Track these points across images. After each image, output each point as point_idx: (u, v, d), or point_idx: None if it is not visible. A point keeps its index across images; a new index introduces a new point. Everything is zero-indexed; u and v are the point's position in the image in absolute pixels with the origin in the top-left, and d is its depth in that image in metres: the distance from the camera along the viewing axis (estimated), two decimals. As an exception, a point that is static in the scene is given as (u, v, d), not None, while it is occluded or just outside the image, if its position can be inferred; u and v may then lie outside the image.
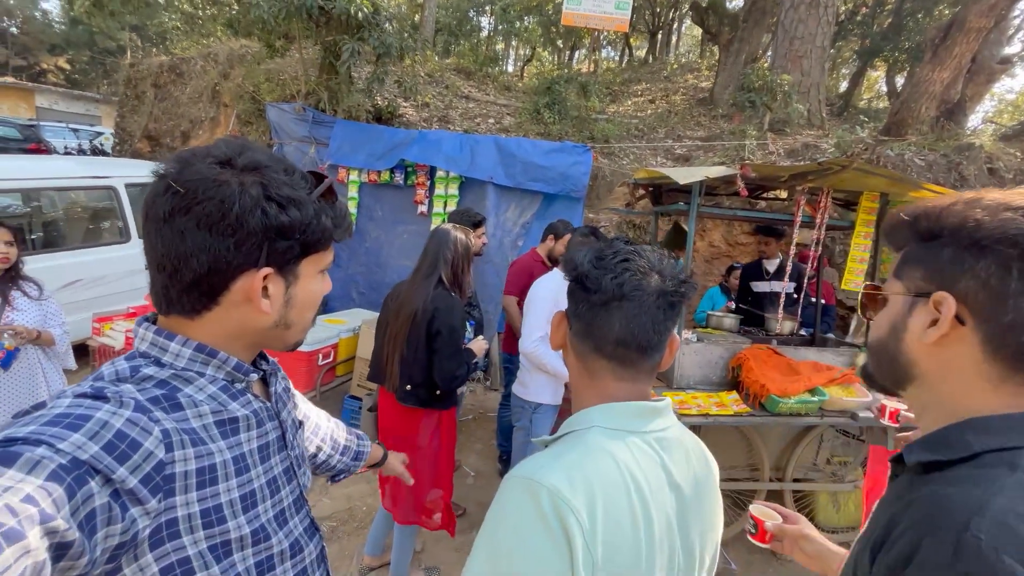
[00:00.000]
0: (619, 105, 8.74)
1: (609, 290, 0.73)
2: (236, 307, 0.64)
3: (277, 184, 0.62)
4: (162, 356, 0.63)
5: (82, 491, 0.47)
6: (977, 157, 4.33)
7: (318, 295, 0.72)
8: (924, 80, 5.01)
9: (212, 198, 0.58)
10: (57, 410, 0.52)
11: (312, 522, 0.79)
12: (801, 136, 5.52)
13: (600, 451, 0.68)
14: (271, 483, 0.70)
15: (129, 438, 0.53)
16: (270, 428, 0.72)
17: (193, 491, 0.59)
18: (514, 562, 0.61)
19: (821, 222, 2.63)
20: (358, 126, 5.16)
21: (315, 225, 0.65)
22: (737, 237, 4.82)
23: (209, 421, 0.63)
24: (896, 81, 10.78)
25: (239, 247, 0.60)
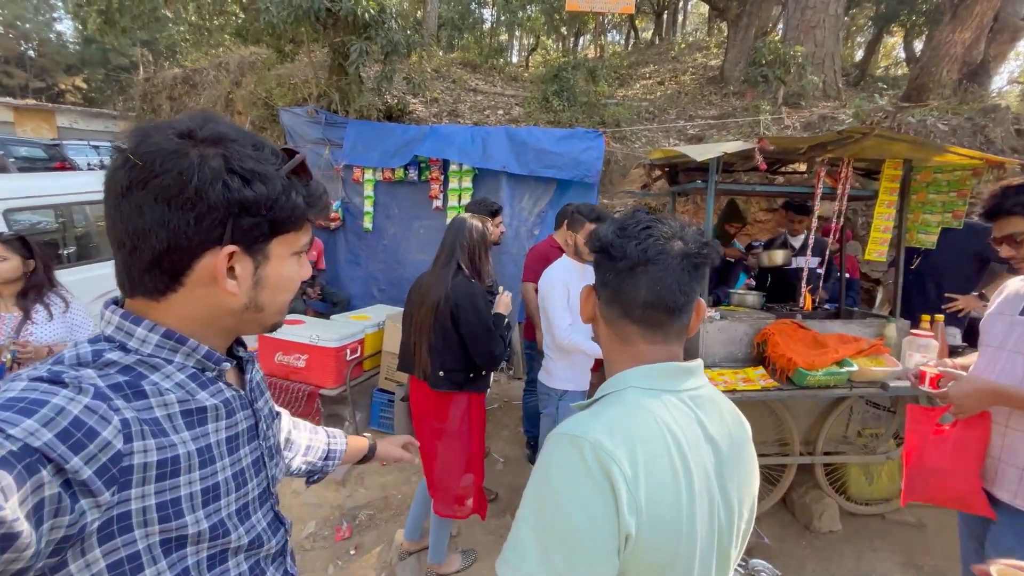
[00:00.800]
0: (628, 89, 8.64)
1: (634, 255, 0.77)
2: (201, 288, 0.60)
3: (241, 157, 0.58)
4: (128, 341, 0.59)
5: (32, 480, 0.45)
6: (1004, 119, 4.19)
7: (293, 279, 0.68)
8: (944, 42, 4.85)
9: (169, 171, 0.55)
10: (10, 394, 0.49)
11: (276, 515, 0.76)
12: (817, 108, 5.40)
13: (637, 407, 0.72)
14: (237, 476, 0.67)
15: (86, 426, 0.50)
16: (241, 418, 0.69)
17: (151, 484, 0.55)
18: (563, 505, 0.65)
19: (843, 193, 2.59)
20: (370, 125, 5.22)
21: (283, 202, 0.61)
22: (756, 215, 4.76)
23: (175, 411, 0.59)
24: (915, 46, 10.42)
25: (199, 222, 0.57)
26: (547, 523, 0.65)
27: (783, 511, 2.88)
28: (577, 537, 0.63)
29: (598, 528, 0.64)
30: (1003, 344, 1.44)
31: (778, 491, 2.75)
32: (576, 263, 2.40)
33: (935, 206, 2.57)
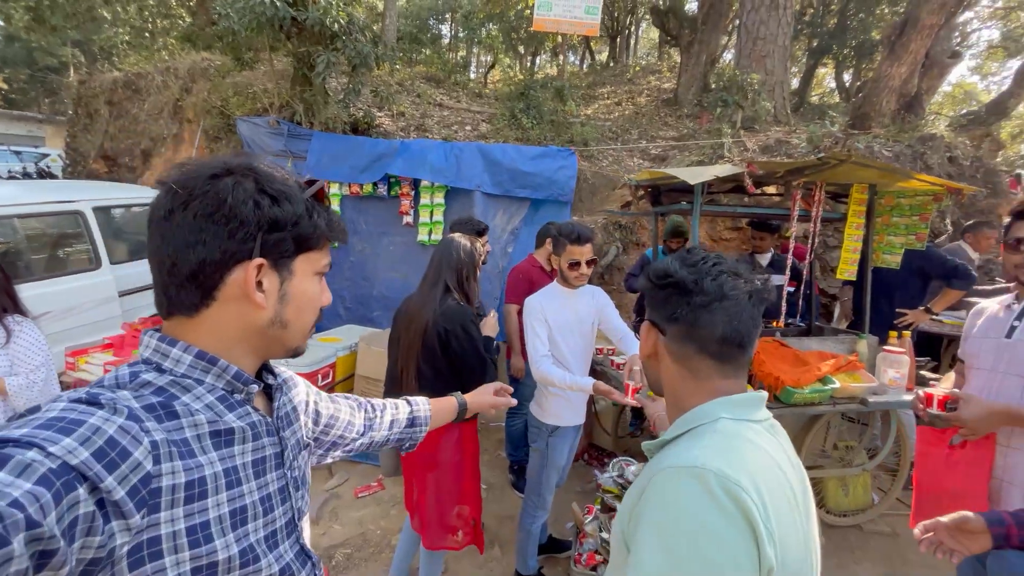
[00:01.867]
0: (586, 107, 8.86)
1: (711, 291, 0.78)
2: (233, 302, 0.65)
3: (270, 180, 0.65)
4: (163, 362, 0.63)
5: (69, 497, 0.46)
6: (939, 147, 4.60)
7: (316, 298, 0.73)
8: (884, 75, 5.29)
9: (207, 192, 0.61)
10: (51, 414, 0.51)
11: (303, 548, 0.76)
12: (772, 133, 5.72)
13: (739, 437, 0.72)
14: (264, 500, 0.68)
15: (120, 446, 0.52)
16: (267, 443, 0.71)
17: (180, 506, 0.57)
18: (699, 548, 0.60)
19: (817, 215, 2.71)
20: (337, 138, 5.03)
21: (307, 221, 0.67)
22: (721, 233, 4.94)
23: (204, 431, 0.62)
24: (844, 77, 11.36)
25: (232, 236, 0.62)
26: (682, 568, 0.60)
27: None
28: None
29: (742, 567, 0.60)
30: (995, 367, 1.51)
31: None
32: (561, 288, 2.27)
33: (899, 228, 2.74)
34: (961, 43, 11.09)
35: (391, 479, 3.27)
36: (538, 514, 2.35)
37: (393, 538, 2.72)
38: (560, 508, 2.94)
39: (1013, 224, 1.49)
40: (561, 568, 2.61)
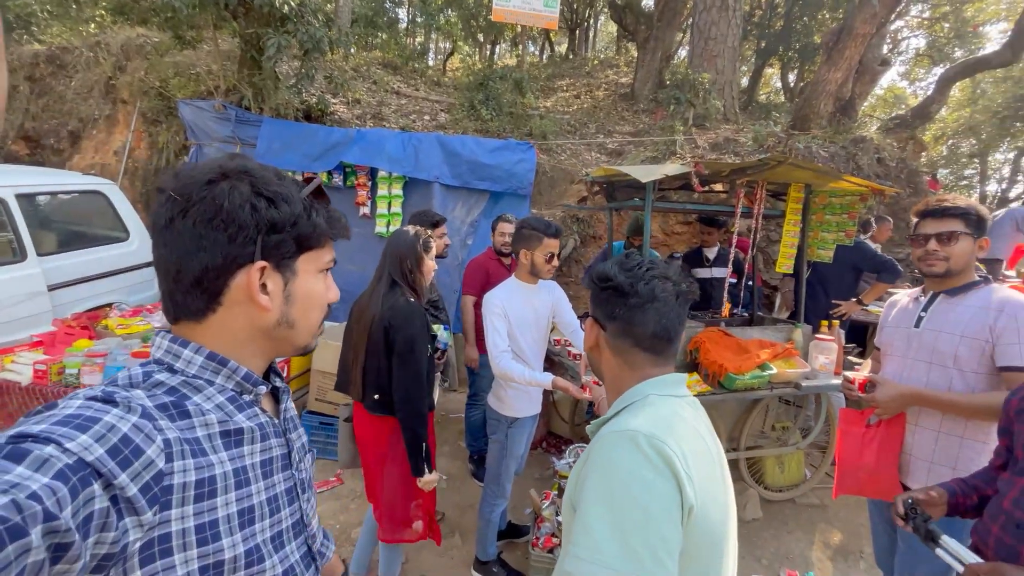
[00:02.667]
0: (545, 100, 8.91)
1: (644, 294, 0.90)
2: (238, 306, 0.66)
3: (266, 182, 0.65)
4: (175, 363, 0.64)
5: (85, 492, 0.47)
6: (869, 149, 4.96)
7: (320, 296, 0.73)
8: (822, 80, 5.63)
9: (204, 198, 0.62)
10: (68, 411, 0.52)
11: (310, 550, 0.77)
12: (721, 131, 5.97)
13: (664, 407, 0.85)
14: (271, 500, 0.69)
15: (133, 444, 0.53)
16: (275, 444, 0.72)
17: (190, 504, 0.58)
18: (632, 493, 0.72)
19: (758, 212, 2.88)
20: (289, 125, 4.85)
21: (305, 220, 0.68)
22: (673, 227, 5.13)
23: (215, 431, 0.64)
24: (789, 78, 11.94)
25: (232, 241, 0.63)
26: (618, 512, 0.71)
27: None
28: (648, 517, 0.70)
29: (666, 506, 0.71)
30: (906, 353, 1.69)
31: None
32: (521, 284, 2.29)
33: (831, 226, 2.96)
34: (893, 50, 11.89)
35: (349, 472, 3.25)
36: (497, 502, 2.41)
37: (353, 532, 2.72)
38: (518, 495, 3.02)
39: (918, 223, 1.66)
40: (520, 552, 2.69)
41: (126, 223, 4.38)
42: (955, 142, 16.61)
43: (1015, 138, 15.76)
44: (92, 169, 5.59)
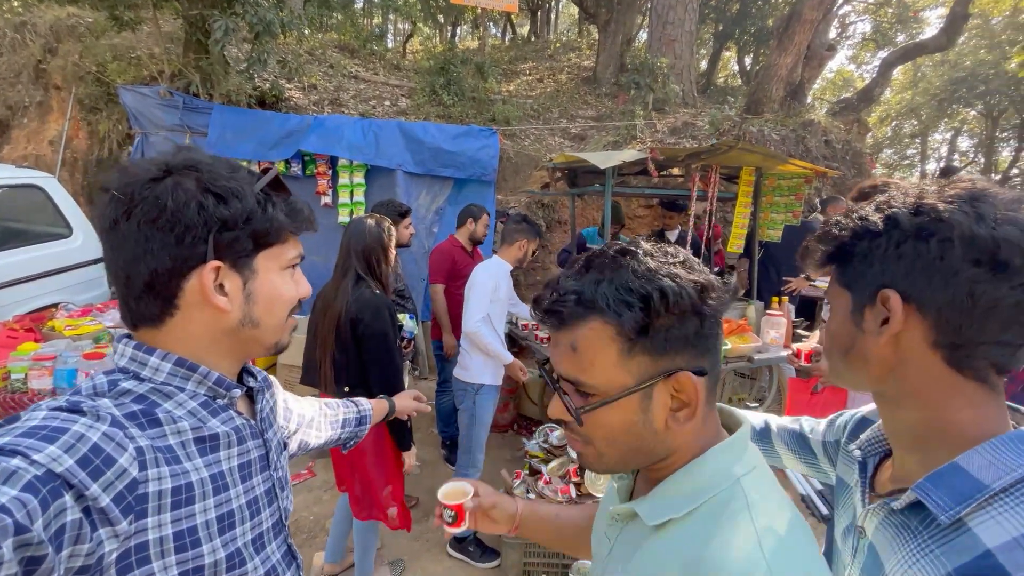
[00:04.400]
0: (508, 84, 8.87)
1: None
2: (196, 308, 0.63)
3: (213, 177, 0.62)
4: (141, 371, 0.62)
5: (55, 504, 0.46)
6: (816, 132, 5.20)
7: (285, 292, 0.70)
8: (773, 65, 5.83)
9: (147, 198, 0.59)
10: (32, 422, 0.51)
11: (290, 548, 0.77)
12: (679, 115, 6.11)
13: (783, 512, 0.57)
14: (251, 504, 0.68)
15: (104, 453, 0.51)
16: (252, 447, 0.70)
17: (167, 512, 0.57)
18: None
19: (712, 195, 3.00)
20: (242, 112, 4.66)
21: (260, 215, 0.64)
22: (635, 211, 5.26)
23: (188, 438, 0.61)
24: (745, 61, 12.25)
25: (180, 242, 0.60)
26: None
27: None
28: None
29: None
30: None
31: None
32: (508, 265, 2.55)
33: (779, 207, 3.11)
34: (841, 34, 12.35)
35: (321, 463, 3.25)
36: (470, 472, 2.50)
37: (326, 522, 2.74)
38: (490, 477, 3.10)
39: (856, 205, 1.78)
40: (493, 531, 2.77)
41: (68, 218, 4.15)
42: (898, 123, 17.49)
43: (951, 119, 16.73)
44: (25, 161, 5.23)
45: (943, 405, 0.58)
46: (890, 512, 0.61)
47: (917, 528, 0.57)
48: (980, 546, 0.51)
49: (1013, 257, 0.52)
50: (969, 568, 0.51)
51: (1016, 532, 0.49)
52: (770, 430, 1.02)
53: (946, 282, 0.54)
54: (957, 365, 0.57)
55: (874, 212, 0.61)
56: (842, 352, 0.65)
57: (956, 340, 0.56)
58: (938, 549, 0.54)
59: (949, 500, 0.54)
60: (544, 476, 2.51)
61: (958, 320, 0.55)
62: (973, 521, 0.52)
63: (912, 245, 0.56)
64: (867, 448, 0.72)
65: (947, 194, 0.57)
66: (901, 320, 0.57)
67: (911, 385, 0.59)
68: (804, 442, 0.95)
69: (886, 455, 0.71)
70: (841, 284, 0.65)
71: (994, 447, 0.54)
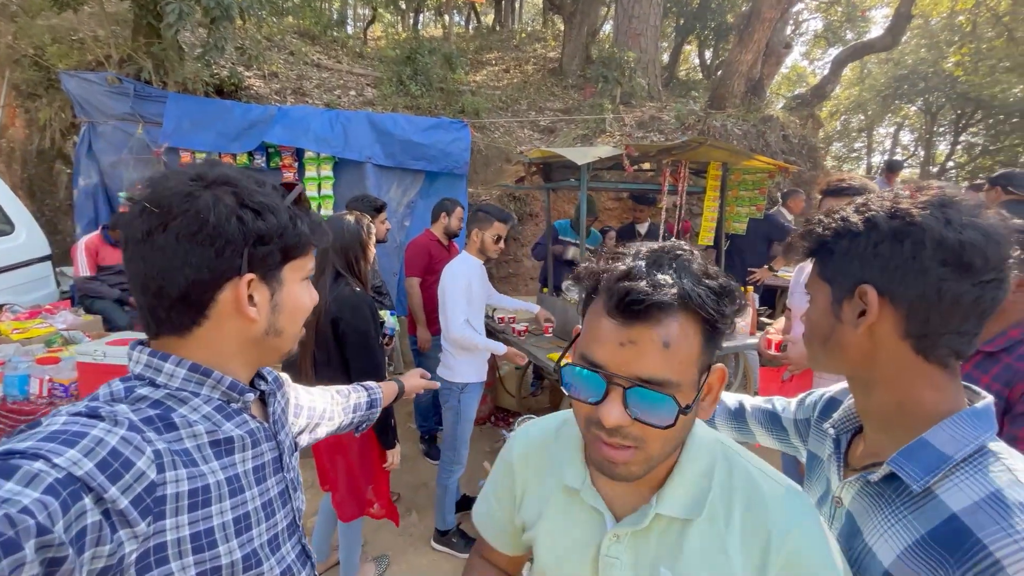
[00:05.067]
0: (475, 74, 8.79)
1: None
2: (226, 318, 0.65)
3: (250, 192, 0.64)
4: (156, 377, 0.63)
5: (76, 507, 0.47)
6: (775, 126, 5.42)
7: (305, 302, 0.74)
8: (735, 61, 6.02)
9: (187, 211, 0.60)
10: (53, 427, 0.52)
11: (304, 548, 0.78)
12: (646, 109, 6.23)
13: None
14: (266, 506, 0.70)
15: (123, 457, 0.53)
16: (266, 449, 0.72)
17: (184, 514, 0.58)
18: None
19: (682, 189, 3.10)
20: (199, 101, 4.45)
21: (292, 230, 0.67)
22: (605, 204, 5.35)
23: (204, 441, 0.63)
24: (705, 55, 12.56)
25: (220, 255, 0.62)
26: None
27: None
28: None
29: None
30: None
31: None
32: (476, 261, 2.47)
33: (744, 201, 3.25)
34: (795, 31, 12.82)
35: (302, 462, 3.19)
36: (455, 469, 2.52)
37: (309, 521, 2.71)
38: (471, 468, 3.13)
39: (823, 200, 1.88)
40: (475, 523, 2.82)
41: (9, 214, 3.87)
42: (847, 118, 18.37)
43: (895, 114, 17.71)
44: (-45, 151, 4.83)
45: (911, 388, 0.65)
46: (866, 484, 0.68)
47: (891, 497, 0.65)
48: (947, 510, 0.58)
49: (975, 259, 0.60)
50: (939, 530, 0.58)
51: (976, 496, 0.57)
52: (744, 410, 1.10)
53: (917, 279, 0.61)
54: (923, 353, 0.64)
55: (854, 214, 0.67)
56: (822, 340, 0.72)
57: (924, 331, 0.63)
58: (911, 515, 0.62)
59: (919, 471, 0.61)
60: (526, 466, 2.57)
61: (926, 313, 0.62)
62: (940, 489, 0.60)
63: (888, 246, 0.63)
64: (840, 426, 0.80)
65: (920, 200, 0.64)
66: (877, 312, 0.64)
67: (883, 371, 0.67)
68: (776, 420, 1.03)
69: (857, 431, 0.78)
70: (822, 278, 0.71)
71: (954, 423, 0.62)
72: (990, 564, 0.52)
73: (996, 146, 15.35)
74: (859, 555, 0.67)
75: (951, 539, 0.56)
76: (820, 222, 0.70)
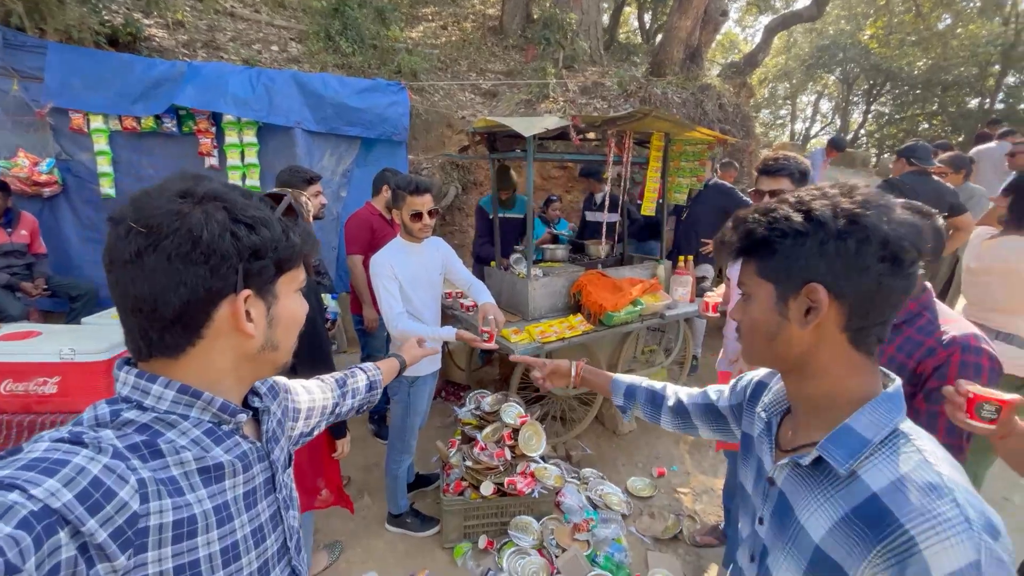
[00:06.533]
0: (411, 30, 8.27)
1: None
2: (222, 336, 0.64)
3: (241, 207, 0.62)
4: (144, 399, 0.61)
5: (50, 542, 0.45)
6: (713, 95, 5.53)
7: (299, 314, 0.73)
8: (674, 27, 6.03)
9: (178, 230, 0.58)
10: (34, 454, 0.50)
11: (293, 570, 0.78)
12: (588, 74, 6.15)
13: None
14: (255, 532, 0.68)
15: (104, 487, 0.51)
16: (258, 471, 0.70)
17: (168, 546, 0.56)
18: None
19: (627, 160, 3.11)
20: (89, 54, 3.86)
21: (284, 242, 0.66)
22: (550, 172, 5.30)
23: (191, 468, 0.61)
24: (645, 19, 12.54)
25: (215, 273, 0.60)
26: None
27: (596, 425, 3.55)
28: None
29: None
30: None
31: (592, 411, 3.36)
32: (405, 243, 2.25)
33: (685, 172, 3.31)
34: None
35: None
36: (403, 458, 2.47)
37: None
38: (424, 446, 3.12)
39: (759, 178, 1.93)
40: (431, 499, 2.82)
41: None
42: (774, 85, 19.22)
43: (816, 83, 18.72)
44: None
45: (842, 377, 0.71)
46: (796, 466, 0.74)
47: (820, 478, 0.70)
48: (868, 490, 0.64)
49: (906, 253, 0.64)
50: (861, 508, 0.64)
51: (893, 476, 0.63)
52: (686, 408, 1.15)
53: (860, 275, 0.65)
54: (857, 344, 0.69)
55: (795, 213, 0.68)
56: (767, 338, 0.74)
57: (863, 323, 0.68)
58: (837, 495, 0.67)
59: (844, 455, 0.67)
60: (479, 442, 2.58)
61: (867, 307, 0.67)
62: (862, 470, 0.66)
63: (834, 244, 0.65)
64: (770, 410, 0.86)
65: (857, 199, 0.67)
66: (826, 310, 0.67)
67: (821, 363, 0.71)
68: (714, 411, 1.09)
69: (786, 412, 0.85)
70: (763, 276, 0.72)
71: (873, 408, 0.68)
72: (905, 540, 0.58)
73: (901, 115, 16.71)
74: (793, 532, 0.72)
75: (872, 516, 0.62)
76: (757, 220, 0.71)
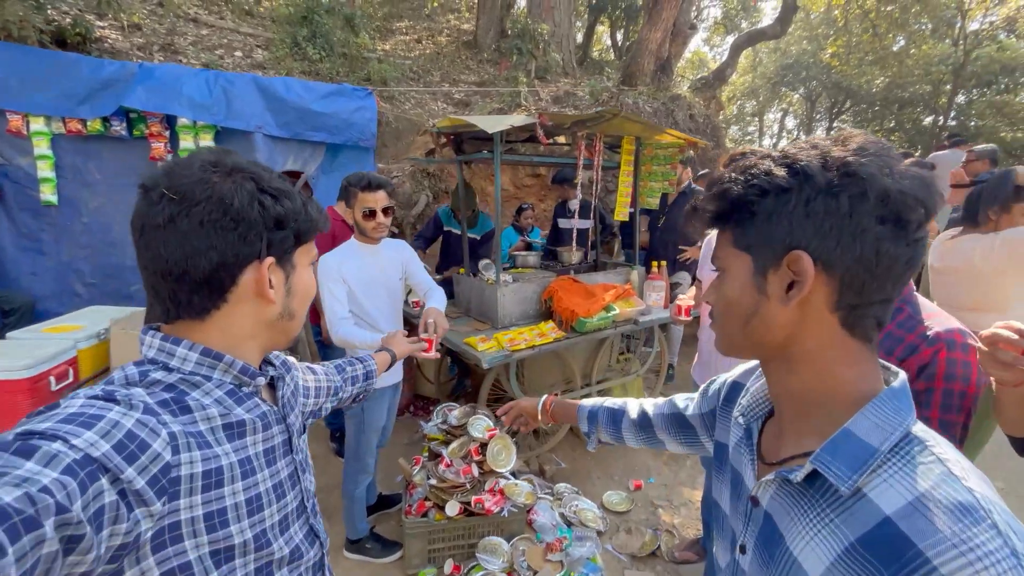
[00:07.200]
0: (384, 42, 8.21)
1: None
2: (245, 301, 0.67)
3: (267, 179, 0.67)
4: (169, 361, 0.64)
5: (93, 487, 0.48)
6: (683, 105, 5.59)
7: (312, 286, 0.77)
8: (645, 39, 6.11)
9: (211, 197, 0.62)
10: (71, 409, 0.53)
11: (312, 528, 0.80)
12: (560, 84, 6.16)
13: None
14: (276, 487, 0.71)
15: (138, 439, 0.54)
16: (276, 432, 0.74)
17: (198, 494, 0.60)
18: None
19: (598, 163, 3.04)
20: (31, 52, 3.64)
21: (304, 215, 0.70)
22: (523, 180, 5.23)
23: (217, 424, 0.64)
24: (617, 37, 12.80)
25: (243, 239, 0.64)
26: None
27: (571, 436, 3.41)
28: None
29: None
30: None
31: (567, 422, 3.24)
32: (360, 245, 2.11)
33: (656, 176, 3.27)
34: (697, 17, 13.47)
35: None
36: (360, 479, 2.28)
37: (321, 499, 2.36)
38: (388, 465, 2.93)
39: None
40: (394, 522, 2.63)
41: None
42: (741, 102, 19.85)
43: (781, 100, 19.40)
44: None
45: (833, 368, 0.57)
46: (785, 482, 0.59)
47: (814, 496, 0.55)
48: (879, 513, 0.49)
49: (912, 213, 0.51)
50: (871, 537, 0.49)
51: (910, 495, 0.48)
52: (650, 420, 1.02)
53: (855, 240, 0.52)
54: (850, 327, 0.56)
55: (778, 166, 0.55)
56: (742, 320, 0.60)
57: (857, 301, 0.54)
58: (837, 518, 0.52)
59: (847, 469, 0.52)
60: (445, 459, 2.41)
61: (863, 280, 0.53)
62: (869, 487, 0.51)
63: (823, 202, 0.52)
64: (750, 414, 0.71)
65: (851, 147, 0.53)
66: (811, 283, 0.54)
67: (806, 350, 0.57)
68: (681, 421, 0.95)
69: (768, 415, 0.70)
70: (739, 247, 0.59)
71: (876, 408, 0.54)
72: None
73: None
74: (784, 566, 0.57)
75: (886, 547, 0.47)
76: (734, 179, 0.57)
